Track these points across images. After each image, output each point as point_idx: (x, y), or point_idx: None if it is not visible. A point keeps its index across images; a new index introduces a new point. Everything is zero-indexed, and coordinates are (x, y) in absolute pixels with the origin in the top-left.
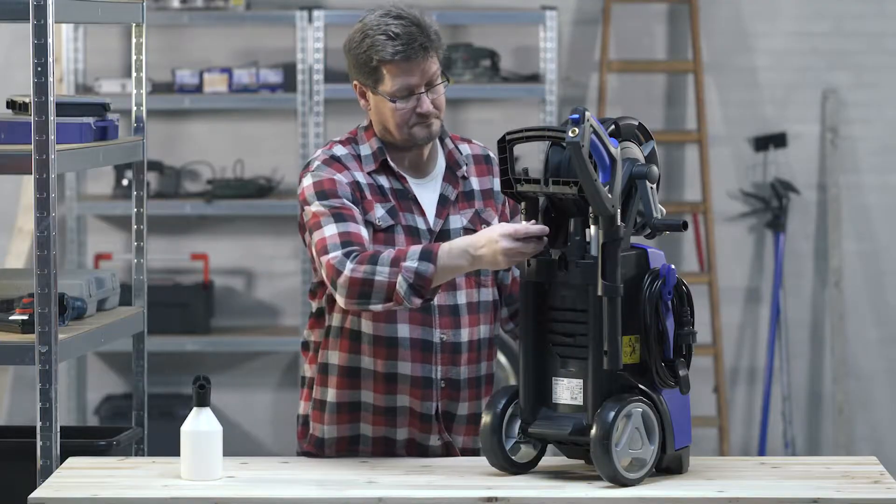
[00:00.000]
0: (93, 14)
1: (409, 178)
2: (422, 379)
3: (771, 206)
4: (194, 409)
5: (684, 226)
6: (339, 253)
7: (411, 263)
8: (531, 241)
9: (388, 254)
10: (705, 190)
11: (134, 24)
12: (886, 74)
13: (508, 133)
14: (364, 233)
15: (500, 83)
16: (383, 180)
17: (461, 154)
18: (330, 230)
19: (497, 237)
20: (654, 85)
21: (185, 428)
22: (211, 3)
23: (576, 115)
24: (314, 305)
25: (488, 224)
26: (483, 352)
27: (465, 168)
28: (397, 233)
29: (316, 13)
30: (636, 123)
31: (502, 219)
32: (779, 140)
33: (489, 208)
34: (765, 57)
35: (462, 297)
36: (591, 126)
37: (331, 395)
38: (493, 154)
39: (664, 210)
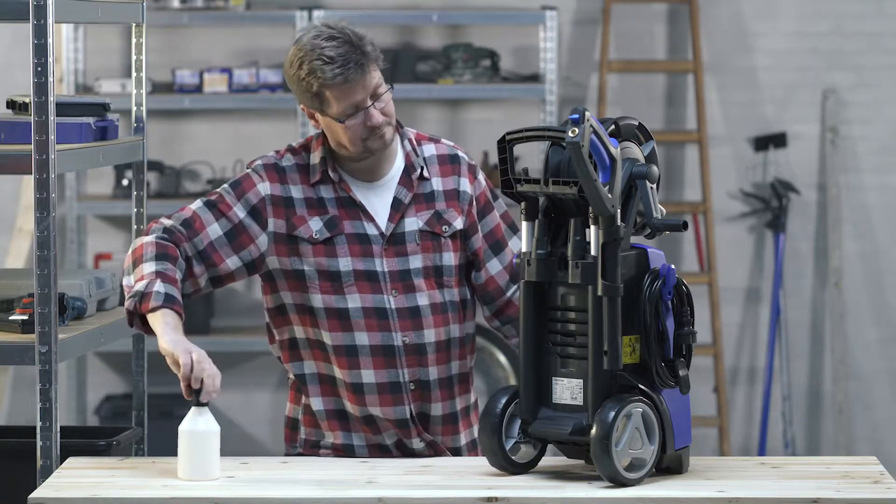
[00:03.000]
0: (93, 14)
1: (356, 184)
2: (388, 384)
3: (771, 206)
4: (193, 408)
5: (684, 226)
6: (167, 221)
7: (141, 287)
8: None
9: (160, 265)
10: (705, 190)
11: (134, 24)
12: (886, 74)
13: (508, 133)
14: (211, 229)
15: (500, 83)
16: (326, 191)
17: (418, 156)
18: (194, 205)
19: (183, 342)
20: (654, 85)
21: (183, 427)
22: (211, 3)
23: (576, 115)
24: (267, 318)
25: (449, 225)
26: (454, 351)
27: (419, 170)
28: (339, 243)
29: (316, 13)
30: (636, 123)
31: (469, 219)
32: (779, 140)
33: (452, 209)
34: (765, 57)
35: (423, 299)
36: (591, 126)
37: (315, 402)
38: (464, 154)
39: (664, 210)
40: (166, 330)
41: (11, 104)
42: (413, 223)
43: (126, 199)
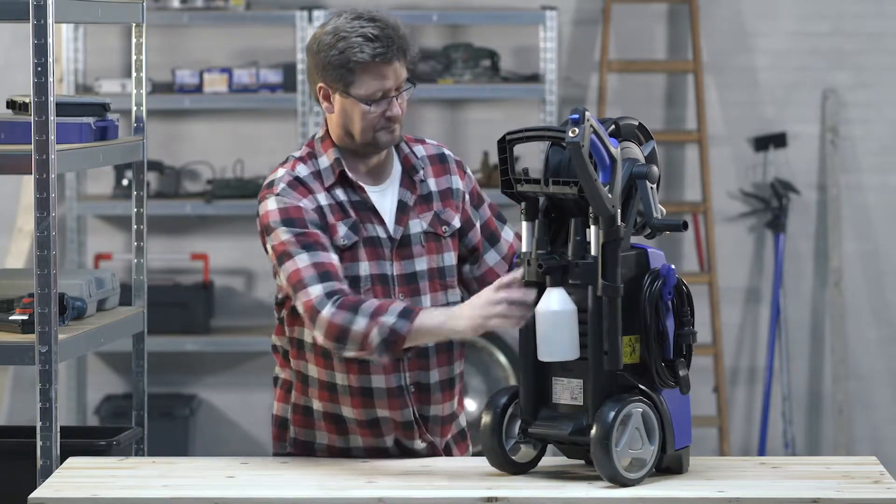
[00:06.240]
0: (93, 14)
1: (366, 187)
2: (396, 389)
3: (771, 206)
4: (548, 289)
5: (684, 226)
6: (319, 290)
7: (389, 318)
8: (515, 294)
9: (369, 304)
10: (705, 190)
11: (134, 24)
12: (886, 74)
13: (508, 133)
14: (335, 259)
15: (500, 83)
16: (342, 194)
17: (416, 157)
18: (302, 260)
19: (477, 297)
20: (654, 85)
21: (540, 308)
22: (211, 3)
23: (576, 115)
24: (281, 313)
25: (448, 224)
26: (455, 352)
27: (421, 172)
28: (360, 247)
29: (316, 13)
30: (636, 123)
31: (464, 216)
32: (779, 140)
33: (448, 209)
34: (765, 57)
35: (427, 301)
36: (591, 126)
37: (315, 404)
38: (449, 152)
39: (664, 210)
40: (439, 317)
41: (11, 104)
42: (417, 225)
43: (126, 199)
